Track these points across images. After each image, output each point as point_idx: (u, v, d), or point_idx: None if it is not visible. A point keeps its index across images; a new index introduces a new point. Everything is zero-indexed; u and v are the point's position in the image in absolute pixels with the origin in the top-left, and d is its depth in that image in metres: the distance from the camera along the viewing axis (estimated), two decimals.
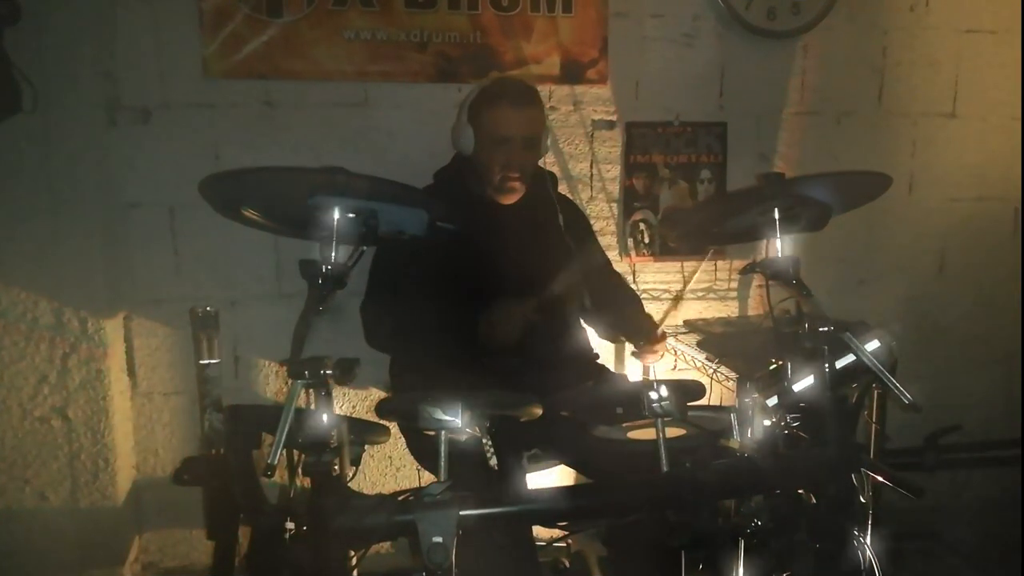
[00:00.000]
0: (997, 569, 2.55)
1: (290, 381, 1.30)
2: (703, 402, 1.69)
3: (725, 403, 2.24)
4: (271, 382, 2.59)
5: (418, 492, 1.28)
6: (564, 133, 2.66)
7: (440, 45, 2.52)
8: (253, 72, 2.43)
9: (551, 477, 2.22)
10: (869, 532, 1.49)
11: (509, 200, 2.19)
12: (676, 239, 2.68)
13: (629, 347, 2.34)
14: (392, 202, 1.50)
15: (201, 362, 1.76)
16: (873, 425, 1.78)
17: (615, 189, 2.73)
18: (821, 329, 1.40)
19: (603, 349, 2.39)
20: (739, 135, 2.76)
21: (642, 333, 2.19)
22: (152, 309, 2.48)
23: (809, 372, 1.43)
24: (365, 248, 1.50)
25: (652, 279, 2.78)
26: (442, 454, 1.35)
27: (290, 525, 1.27)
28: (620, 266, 2.71)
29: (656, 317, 2.33)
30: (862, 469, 1.43)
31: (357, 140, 2.52)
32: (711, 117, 2.74)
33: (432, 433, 1.36)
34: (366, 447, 1.62)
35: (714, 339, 2.47)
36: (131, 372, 2.49)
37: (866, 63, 2.83)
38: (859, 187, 1.82)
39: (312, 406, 1.33)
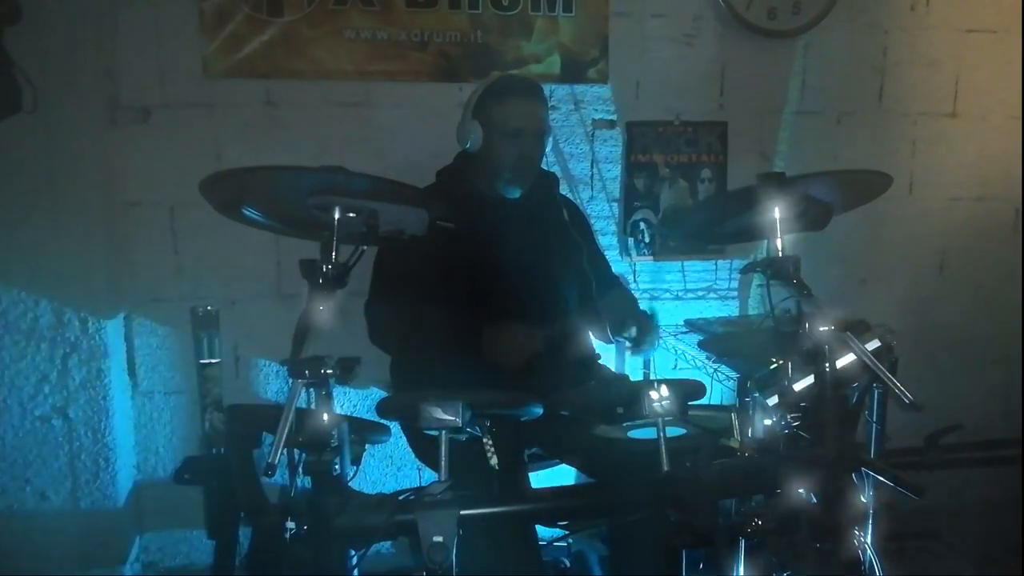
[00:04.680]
0: (998, 569, 2.55)
1: (291, 380, 1.30)
2: (704, 402, 1.69)
3: (725, 403, 2.24)
4: (272, 381, 2.59)
5: (419, 491, 1.28)
6: (565, 133, 2.66)
7: (441, 44, 2.52)
8: (254, 71, 2.43)
9: (552, 477, 2.22)
10: (869, 532, 1.49)
11: (517, 193, 2.19)
12: (677, 239, 2.68)
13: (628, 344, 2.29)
14: (392, 201, 1.49)
15: (202, 361, 1.77)
16: (873, 425, 1.77)
17: (616, 189, 2.73)
18: (821, 329, 1.39)
19: (604, 349, 2.39)
20: (740, 134, 2.76)
21: (634, 323, 2.11)
22: (153, 308, 2.48)
23: (809, 372, 1.43)
24: (365, 248, 1.50)
25: (652, 279, 2.78)
26: (443, 453, 1.35)
27: (291, 524, 1.27)
28: (620, 266, 2.71)
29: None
30: (862, 469, 1.43)
31: (358, 139, 2.52)
32: (712, 116, 2.74)
33: (433, 432, 1.36)
34: (367, 446, 1.62)
35: (714, 339, 2.46)
36: (132, 371, 2.49)
37: (866, 62, 2.82)
38: (859, 186, 1.82)
39: (313, 405, 1.33)
